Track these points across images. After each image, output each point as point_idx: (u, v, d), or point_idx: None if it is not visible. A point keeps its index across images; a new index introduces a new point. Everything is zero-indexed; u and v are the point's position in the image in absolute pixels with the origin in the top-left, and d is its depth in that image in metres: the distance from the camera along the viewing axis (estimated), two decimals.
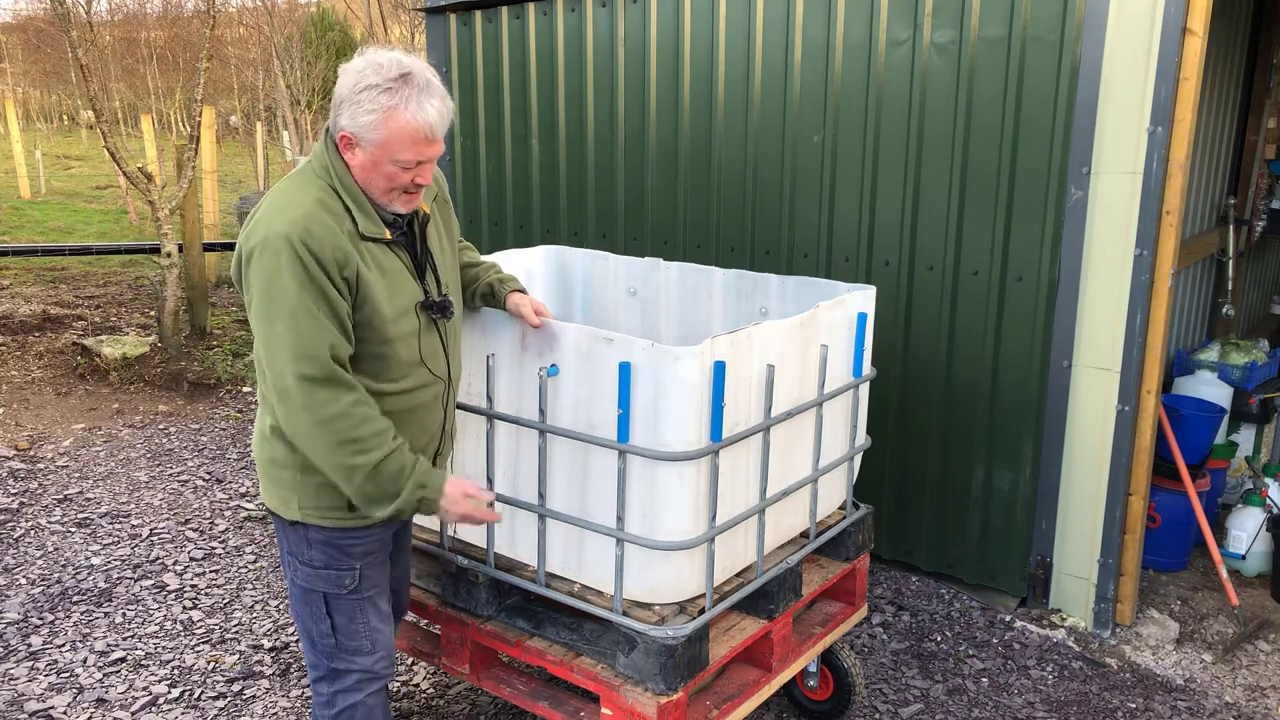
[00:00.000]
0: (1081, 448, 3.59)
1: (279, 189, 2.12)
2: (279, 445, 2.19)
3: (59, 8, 7.27)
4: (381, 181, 2.09)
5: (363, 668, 2.33)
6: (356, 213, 2.10)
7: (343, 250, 2.04)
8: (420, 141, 2.05)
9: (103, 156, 19.79)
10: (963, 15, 3.54)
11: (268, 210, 2.06)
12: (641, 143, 4.44)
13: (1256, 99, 5.53)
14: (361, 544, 2.27)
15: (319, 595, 2.27)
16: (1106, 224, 3.41)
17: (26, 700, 3.20)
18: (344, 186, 2.10)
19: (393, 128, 2.02)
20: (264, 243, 2.00)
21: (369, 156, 2.06)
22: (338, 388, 2.03)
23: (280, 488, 2.23)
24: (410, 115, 2.01)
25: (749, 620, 2.65)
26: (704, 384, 2.25)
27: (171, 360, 6.83)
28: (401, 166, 2.07)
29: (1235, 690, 3.38)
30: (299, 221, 2.00)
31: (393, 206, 2.14)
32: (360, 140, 2.05)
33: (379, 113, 2.01)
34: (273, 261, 1.99)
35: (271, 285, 2.00)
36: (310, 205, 2.04)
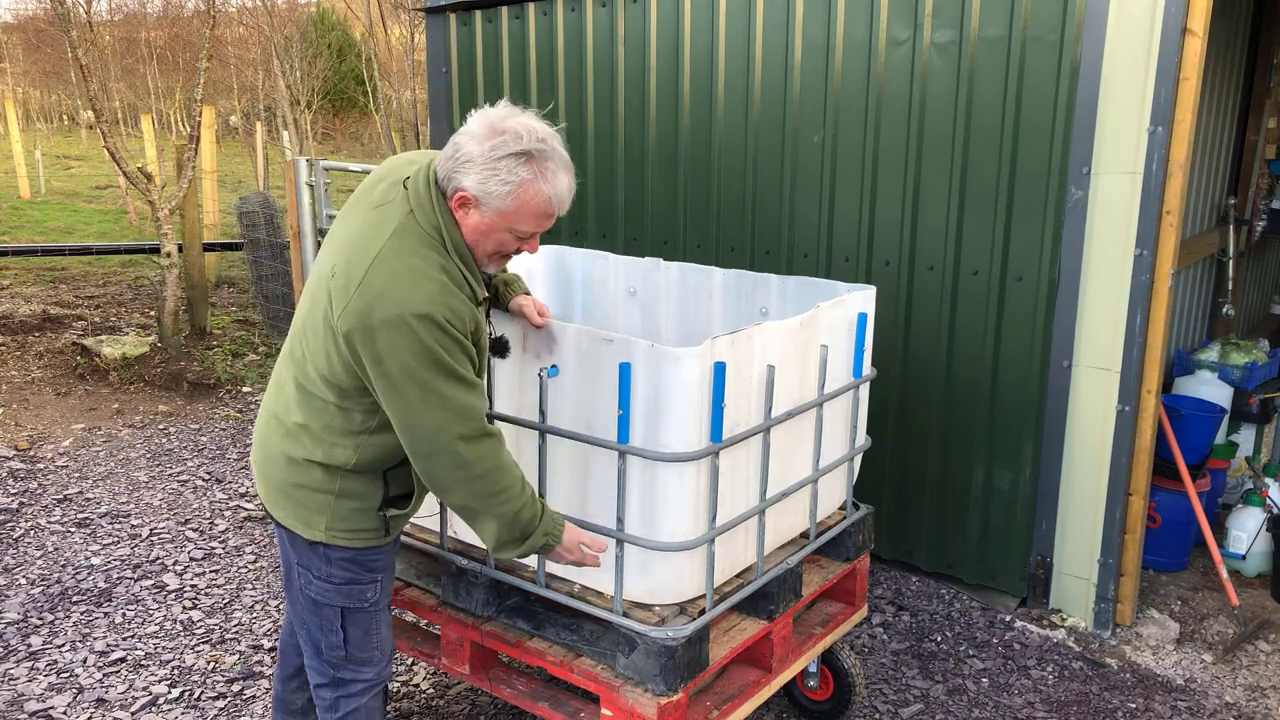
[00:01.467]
0: (1082, 448, 3.59)
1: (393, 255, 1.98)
2: (315, 472, 2.14)
3: (59, 8, 7.26)
4: (490, 246, 2.07)
5: (368, 677, 2.35)
6: (472, 282, 2.08)
7: (475, 320, 2.04)
8: (545, 216, 2.03)
9: (103, 156, 19.80)
10: (963, 15, 3.53)
11: (390, 282, 1.94)
12: (641, 142, 4.44)
13: (1256, 99, 5.53)
14: (384, 557, 2.27)
15: (335, 610, 2.25)
16: (1106, 224, 3.41)
17: (26, 700, 3.20)
18: (458, 251, 2.05)
19: (524, 200, 1.98)
20: (400, 321, 1.91)
21: (486, 222, 2.02)
22: (491, 441, 2.05)
23: (306, 510, 2.17)
24: (545, 189, 1.99)
25: (749, 621, 2.65)
26: (704, 384, 2.25)
27: (171, 360, 6.83)
28: (517, 236, 2.05)
29: (1235, 690, 3.38)
30: (437, 299, 1.94)
31: (488, 267, 2.13)
32: (483, 205, 2.00)
33: (515, 185, 1.96)
34: (413, 341, 1.92)
35: (417, 363, 1.93)
36: (439, 278, 1.98)
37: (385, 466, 2.17)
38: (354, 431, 2.11)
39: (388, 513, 2.20)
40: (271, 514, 2.26)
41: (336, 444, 2.12)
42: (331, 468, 2.13)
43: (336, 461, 2.12)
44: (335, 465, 2.13)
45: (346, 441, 2.12)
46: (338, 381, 2.07)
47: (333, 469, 2.13)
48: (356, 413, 2.10)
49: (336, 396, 2.09)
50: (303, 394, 2.14)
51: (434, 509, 2.73)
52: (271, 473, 2.22)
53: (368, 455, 2.13)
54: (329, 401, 2.10)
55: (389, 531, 2.22)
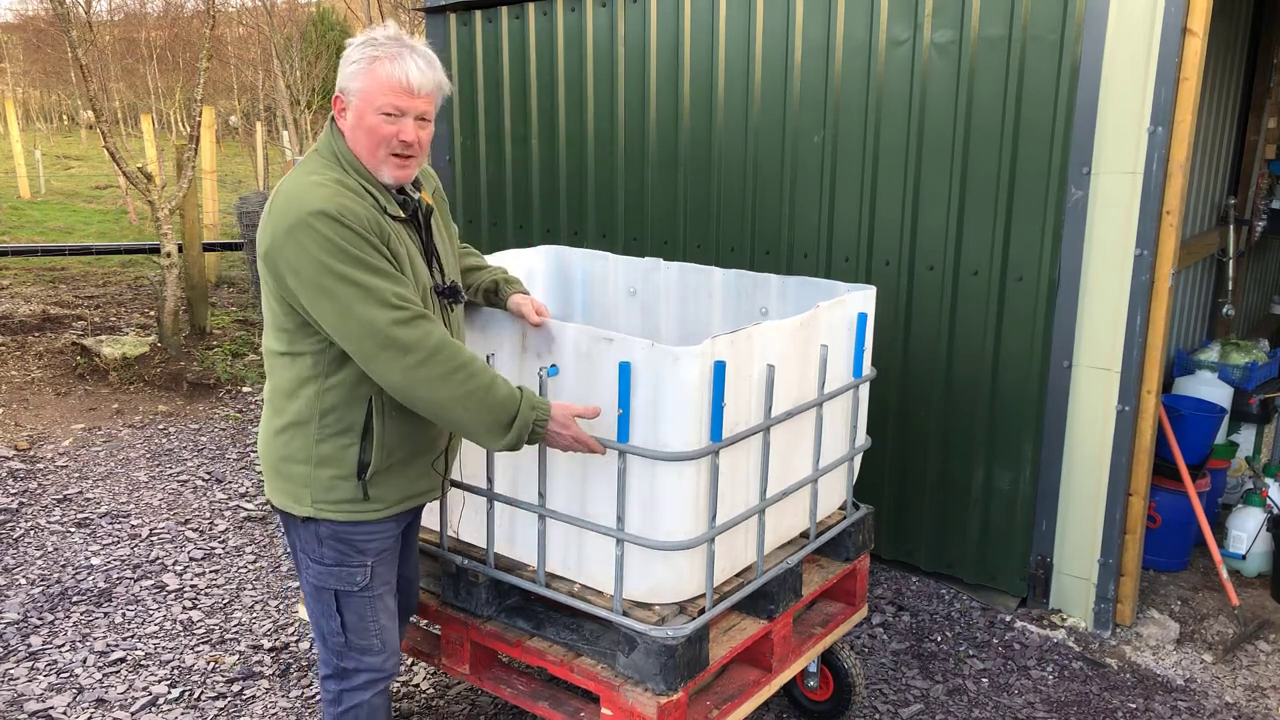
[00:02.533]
0: (1081, 448, 3.59)
1: (292, 177, 2.14)
2: (294, 440, 2.20)
3: (59, 8, 7.26)
4: (366, 138, 2.12)
5: (371, 667, 2.36)
6: (374, 191, 2.14)
7: (376, 223, 2.08)
8: (399, 90, 2.10)
9: (103, 156, 19.80)
10: (963, 15, 3.54)
11: (286, 198, 2.07)
12: (641, 142, 4.44)
13: (1256, 99, 5.53)
14: (374, 540, 2.28)
15: (330, 593, 2.29)
16: (1107, 224, 3.41)
17: (26, 700, 3.20)
18: (352, 165, 2.14)
19: (374, 75, 2.10)
20: (298, 223, 2.01)
21: (355, 114, 2.13)
22: (427, 321, 2.06)
23: (292, 484, 2.23)
24: (390, 65, 2.10)
25: (749, 620, 2.65)
26: (704, 384, 2.25)
27: (171, 360, 6.83)
28: (383, 115, 2.11)
29: (1235, 690, 3.38)
30: (329, 197, 2.03)
31: (386, 173, 2.16)
32: (347, 95, 2.13)
33: (361, 62, 2.10)
34: (314, 236, 2.00)
35: (326, 255, 2.00)
36: (331, 185, 2.08)
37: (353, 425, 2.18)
38: (307, 379, 2.16)
39: (366, 479, 2.20)
40: (271, 502, 2.30)
41: (298, 397, 2.17)
42: (304, 431, 2.17)
43: (302, 417, 2.17)
44: (303, 423, 2.17)
45: (305, 392, 2.16)
46: (280, 325, 2.15)
47: (307, 434, 2.18)
48: (306, 357, 2.15)
49: (286, 344, 2.16)
50: (269, 359, 2.23)
51: (433, 508, 2.73)
52: (266, 453, 2.28)
53: (329, 405, 2.16)
54: (282, 353, 2.18)
55: (368, 498, 2.22)
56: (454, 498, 2.70)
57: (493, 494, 2.59)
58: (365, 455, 2.20)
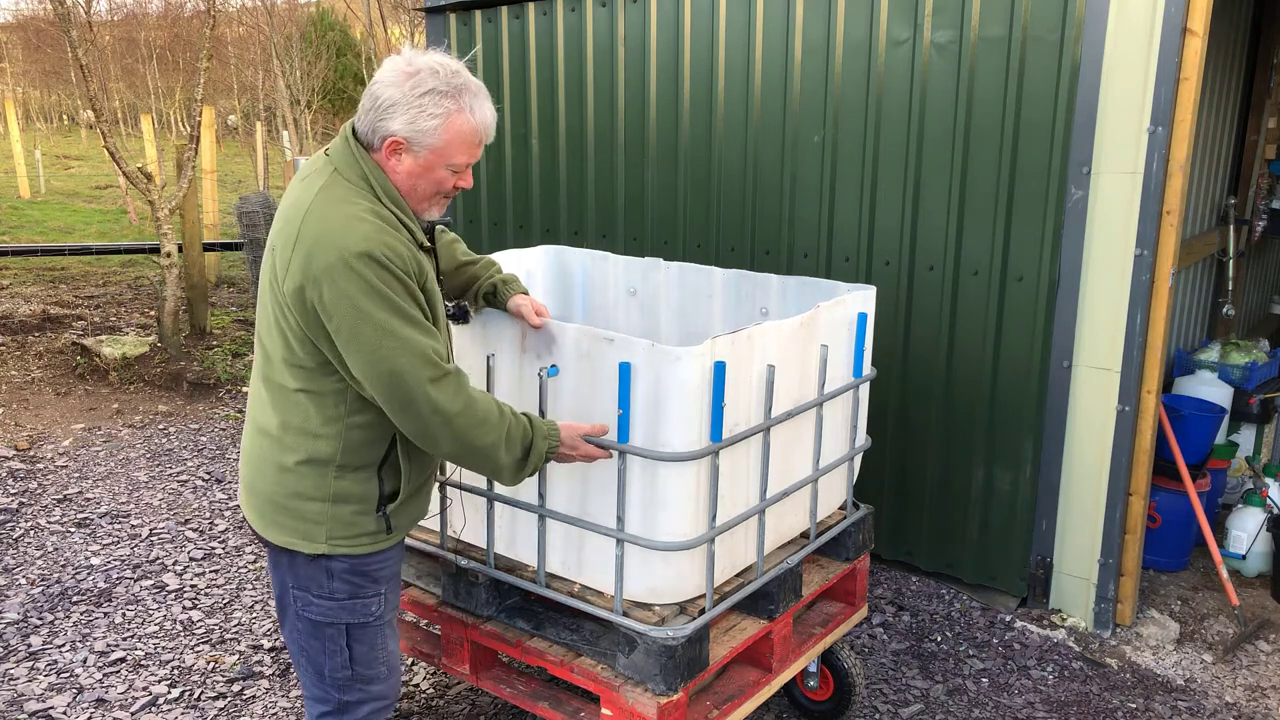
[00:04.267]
0: (1082, 448, 3.59)
1: (322, 205, 1.99)
2: (308, 478, 2.08)
3: (59, 8, 7.26)
4: (429, 187, 2.06)
5: (376, 695, 2.26)
6: (410, 225, 2.06)
7: (417, 262, 2.02)
8: (475, 145, 2.06)
9: (103, 156, 19.80)
10: (963, 15, 3.53)
11: (322, 230, 1.95)
12: (641, 142, 4.44)
13: (1256, 99, 5.53)
14: (386, 566, 2.20)
15: (339, 628, 2.17)
16: (1107, 224, 3.41)
17: (26, 700, 3.20)
18: (389, 196, 2.04)
19: (454, 132, 2.00)
20: (340, 263, 1.90)
21: (420, 162, 2.03)
22: (454, 378, 2.02)
23: (301, 521, 2.10)
24: (473, 119, 2.02)
25: (749, 620, 2.65)
26: (704, 384, 2.25)
27: (171, 360, 6.83)
28: (452, 170, 2.06)
29: (1235, 690, 3.38)
30: (373, 236, 1.93)
31: (430, 213, 2.12)
32: (415, 145, 2.01)
33: (442, 118, 1.98)
34: (358, 280, 1.90)
35: (366, 302, 1.91)
36: (372, 219, 1.97)
37: (374, 460, 2.11)
38: (330, 419, 2.05)
39: (387, 510, 2.14)
40: (266, 538, 2.16)
41: (319, 436, 2.06)
42: (322, 469, 2.07)
43: (323, 456, 2.06)
44: (323, 461, 2.07)
45: (327, 431, 2.06)
46: (300, 363, 2.03)
47: (324, 471, 2.08)
48: (328, 396, 2.05)
49: (304, 381, 2.05)
50: (276, 393, 2.09)
51: (433, 510, 2.73)
52: (264, 488, 2.14)
53: (353, 444, 2.07)
54: (300, 390, 2.05)
55: (391, 530, 2.16)
56: (454, 508, 2.70)
57: (493, 494, 2.59)
58: (387, 487, 2.14)
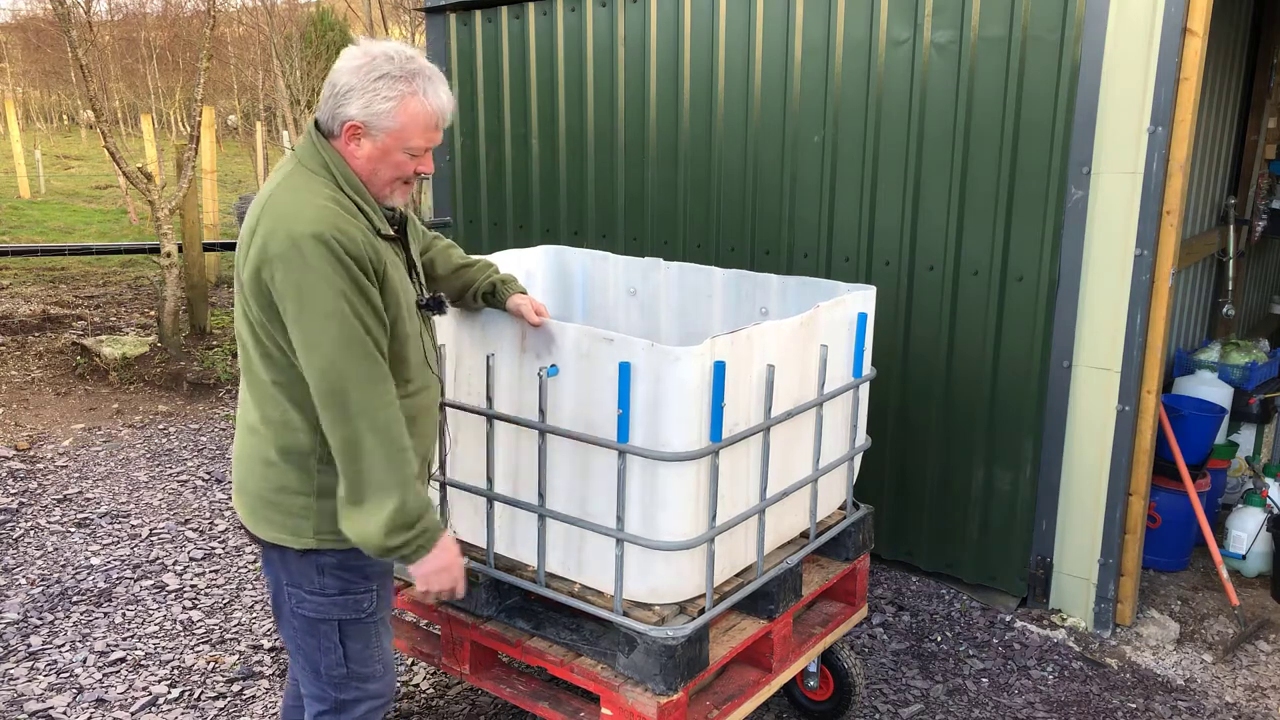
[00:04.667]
0: (1082, 448, 3.59)
1: (281, 191, 2.02)
2: (291, 471, 2.08)
3: (59, 8, 7.26)
4: (388, 172, 2.07)
5: (373, 694, 2.27)
6: (369, 211, 2.07)
7: (371, 246, 2.01)
8: (432, 128, 2.06)
9: (103, 156, 19.79)
10: (963, 15, 3.53)
11: (278, 213, 1.97)
12: (641, 142, 4.44)
13: (1256, 99, 5.53)
14: (377, 562, 2.18)
15: (332, 624, 2.17)
16: (1107, 224, 3.41)
17: (26, 700, 3.20)
18: (349, 183, 2.05)
19: (410, 114, 2.02)
20: (292, 246, 1.91)
21: (378, 146, 2.04)
22: (387, 386, 1.99)
23: (287, 515, 2.10)
24: (428, 101, 2.03)
25: (749, 620, 2.65)
26: (704, 384, 2.25)
27: (171, 360, 6.83)
28: (411, 154, 2.06)
29: (1235, 690, 3.38)
30: (326, 219, 1.94)
31: (392, 199, 2.12)
32: (372, 129, 2.02)
33: (397, 101, 2.00)
34: (305, 264, 1.91)
35: (305, 286, 1.91)
36: (326, 204, 1.99)
37: None
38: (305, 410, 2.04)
39: None
40: (256, 535, 2.16)
41: (297, 428, 2.05)
42: (303, 462, 2.07)
43: (302, 448, 2.06)
44: (303, 454, 2.06)
45: (304, 423, 2.05)
46: (269, 354, 2.03)
47: (306, 464, 2.07)
48: (300, 386, 2.03)
49: (276, 374, 2.04)
50: (255, 387, 2.10)
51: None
52: (253, 485, 2.14)
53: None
54: (274, 382, 2.05)
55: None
56: (466, 504, 2.70)
57: (493, 494, 2.59)
58: None
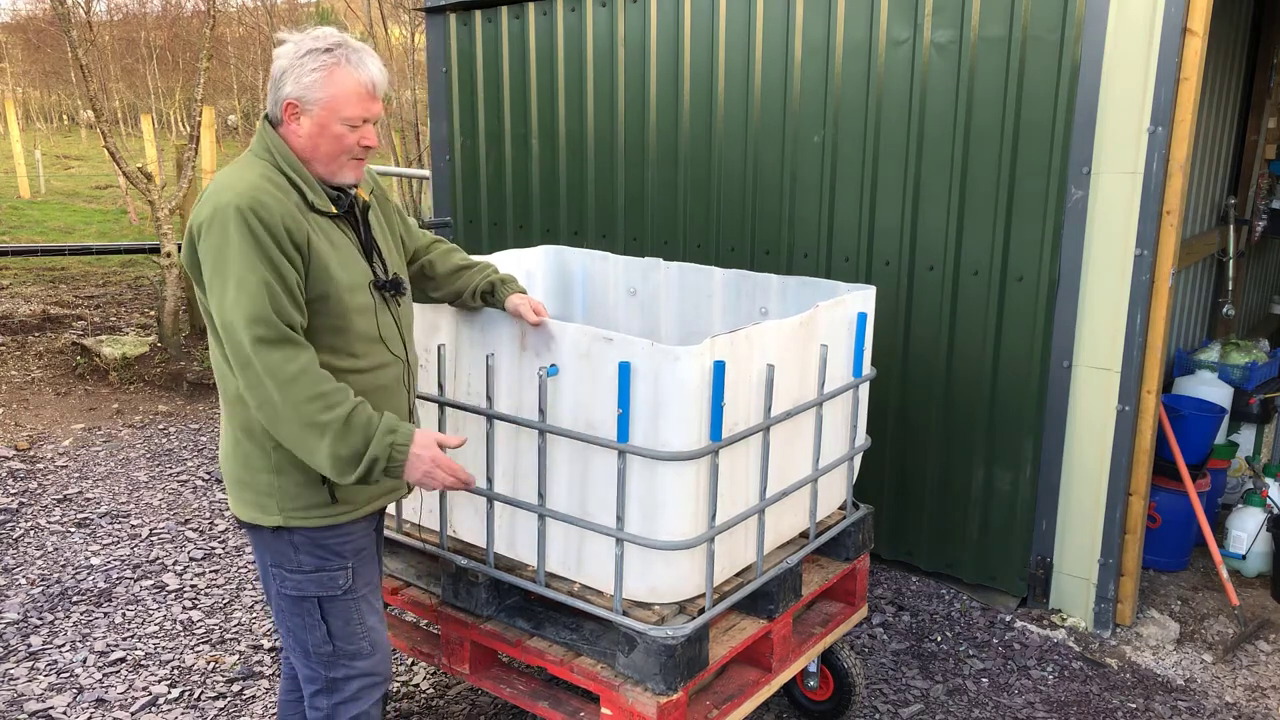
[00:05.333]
0: (1081, 448, 3.59)
1: (223, 171, 2.13)
2: (252, 448, 2.15)
3: (59, 8, 7.26)
4: (329, 146, 2.12)
5: (364, 671, 2.28)
6: (303, 186, 2.12)
7: (292, 217, 2.06)
8: (365, 97, 2.11)
9: (103, 156, 19.79)
10: (963, 15, 3.53)
11: (212, 190, 2.07)
12: (641, 142, 4.44)
13: (1257, 99, 5.53)
14: (350, 541, 2.23)
15: (312, 601, 2.21)
16: (1107, 224, 3.41)
17: (26, 700, 3.20)
18: (287, 162, 2.12)
19: (337, 83, 2.08)
20: (212, 215, 2.02)
21: (315, 121, 2.11)
22: (294, 347, 2.02)
23: (256, 493, 2.17)
24: (353, 70, 2.09)
25: (749, 620, 2.65)
26: (704, 384, 2.25)
27: (171, 360, 6.83)
28: (348, 125, 2.11)
29: (1235, 690, 3.38)
30: (246, 192, 2.02)
31: (342, 175, 2.16)
32: (305, 104, 2.09)
33: (322, 70, 2.07)
34: (221, 231, 2.00)
35: (221, 253, 2.00)
36: (255, 179, 2.07)
37: None
38: None
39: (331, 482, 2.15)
40: (239, 518, 2.23)
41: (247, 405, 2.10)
42: (260, 440, 2.13)
43: (256, 426, 2.12)
44: (258, 432, 2.12)
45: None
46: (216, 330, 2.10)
47: (262, 442, 2.13)
48: None
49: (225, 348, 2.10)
50: (217, 366, 2.17)
51: (430, 505, 2.73)
52: (227, 467, 2.23)
53: None
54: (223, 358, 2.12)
55: (335, 500, 2.17)
56: (466, 504, 2.70)
57: (493, 494, 2.59)
58: None
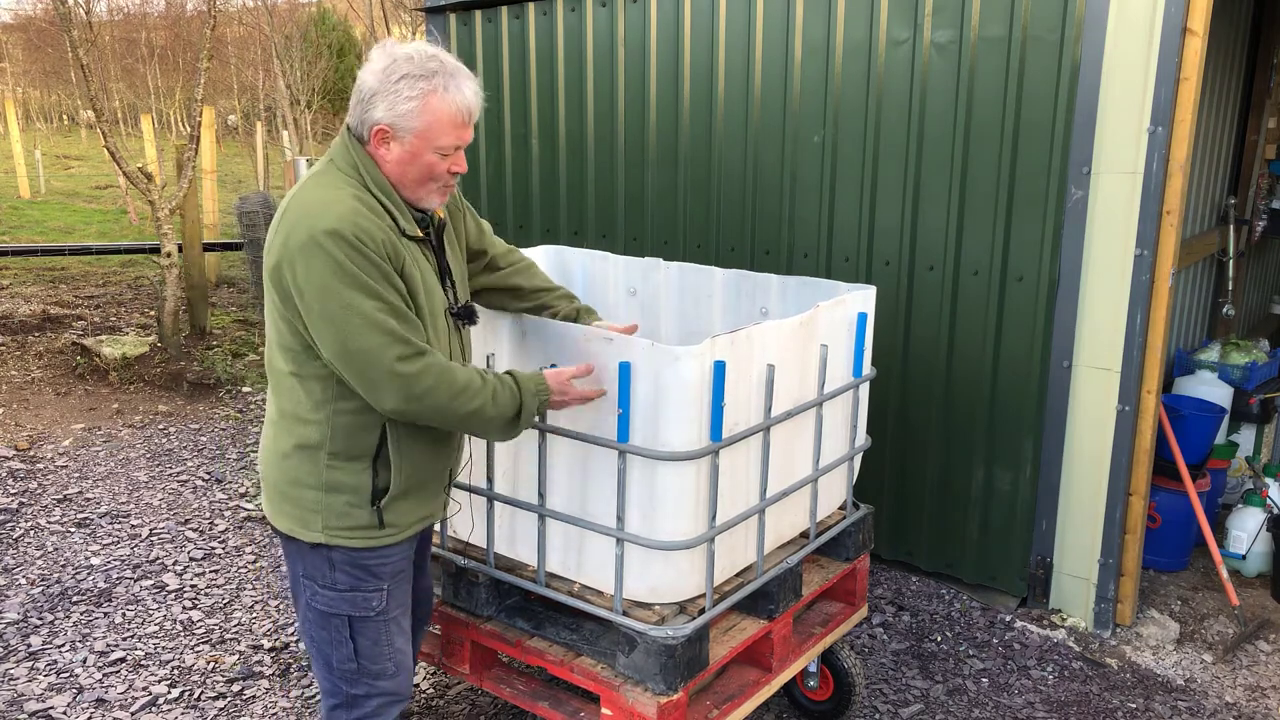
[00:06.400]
0: (1082, 448, 3.59)
1: (308, 188, 2.05)
2: (303, 465, 2.11)
3: (59, 8, 7.26)
4: (419, 173, 2.07)
5: (385, 691, 2.27)
6: (394, 211, 2.07)
7: (392, 244, 2.02)
8: (460, 125, 2.06)
9: (103, 156, 19.79)
10: (963, 15, 3.53)
11: (303, 211, 1.99)
12: (641, 142, 4.44)
13: (1256, 99, 5.53)
14: (389, 564, 2.20)
15: (342, 619, 2.19)
16: (1107, 224, 3.41)
17: (26, 700, 3.20)
18: (377, 184, 2.06)
19: (434, 112, 2.02)
20: (311, 241, 1.93)
21: (407, 149, 2.05)
22: (428, 356, 2.02)
23: (300, 509, 2.14)
24: (450, 98, 2.03)
25: (749, 620, 2.65)
26: (704, 384, 2.25)
27: (171, 360, 6.83)
28: (441, 154, 2.07)
29: (1235, 690, 3.38)
30: (346, 216, 1.96)
31: (428, 201, 2.13)
32: (398, 131, 2.03)
33: (418, 99, 2.00)
34: (324, 257, 1.93)
35: (334, 280, 1.93)
36: (350, 202, 2.00)
37: (366, 450, 2.11)
38: (318, 404, 2.08)
39: (381, 505, 2.13)
40: (274, 526, 2.21)
41: (308, 422, 2.09)
42: (314, 456, 2.10)
43: (312, 442, 2.09)
44: (313, 448, 2.09)
45: (316, 417, 2.08)
46: (287, 344, 2.07)
47: (316, 458, 2.10)
48: (315, 381, 2.07)
49: (293, 365, 2.08)
50: (275, 378, 2.15)
51: None
52: (271, 476, 2.20)
53: (340, 430, 2.08)
54: (289, 373, 2.10)
55: (383, 525, 2.15)
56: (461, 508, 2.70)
57: (493, 494, 2.59)
58: (380, 481, 2.13)
